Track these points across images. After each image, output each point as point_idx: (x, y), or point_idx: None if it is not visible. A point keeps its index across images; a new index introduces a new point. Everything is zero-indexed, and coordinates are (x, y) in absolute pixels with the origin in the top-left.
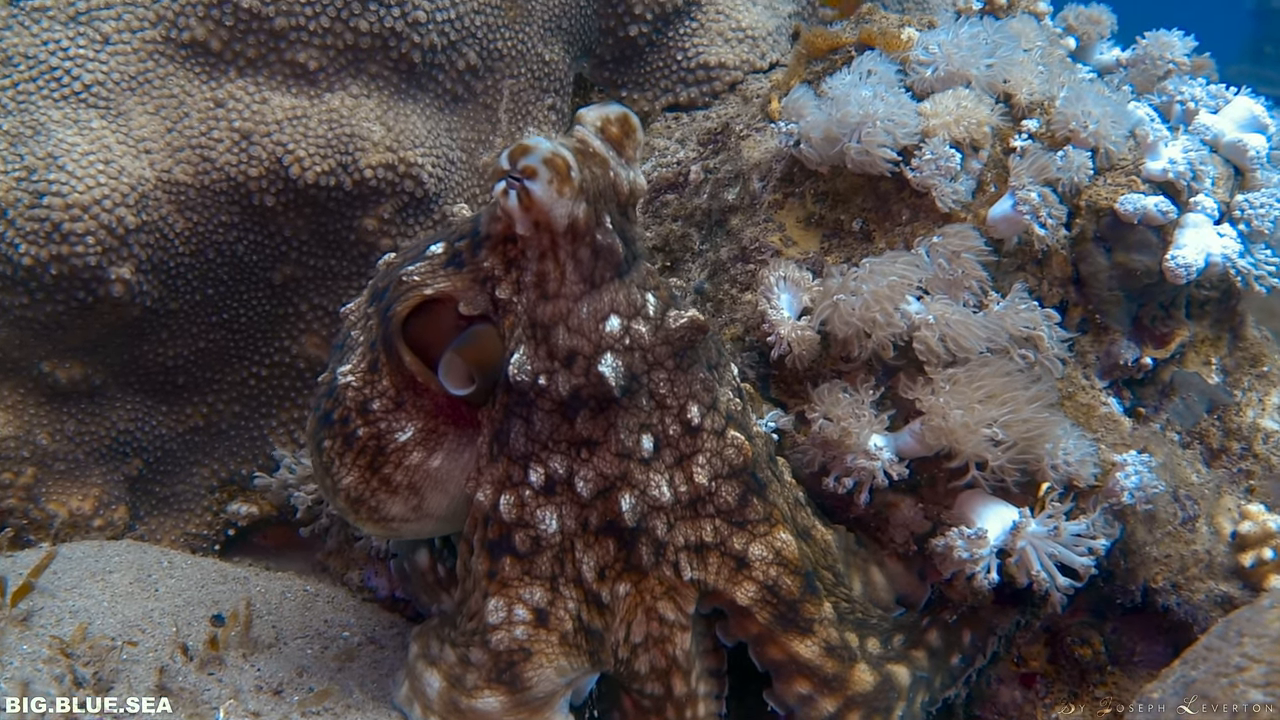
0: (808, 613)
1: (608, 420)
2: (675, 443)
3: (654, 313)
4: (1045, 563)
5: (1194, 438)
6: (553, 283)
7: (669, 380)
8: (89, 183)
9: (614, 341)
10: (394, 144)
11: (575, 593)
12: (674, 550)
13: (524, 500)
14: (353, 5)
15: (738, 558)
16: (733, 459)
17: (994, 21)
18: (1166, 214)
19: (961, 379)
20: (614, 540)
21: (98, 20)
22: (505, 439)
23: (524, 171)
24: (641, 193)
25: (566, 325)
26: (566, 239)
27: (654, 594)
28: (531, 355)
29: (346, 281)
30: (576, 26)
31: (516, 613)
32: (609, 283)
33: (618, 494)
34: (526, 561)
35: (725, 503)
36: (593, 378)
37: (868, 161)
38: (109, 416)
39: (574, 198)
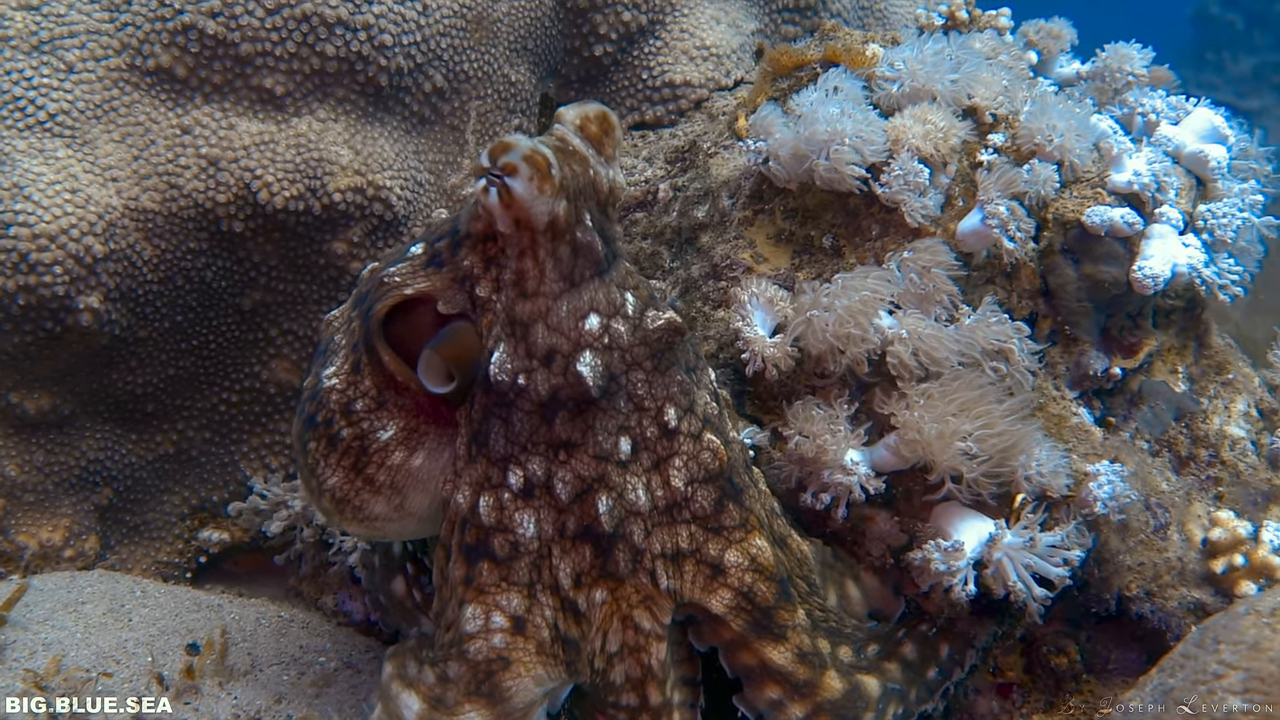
0: (781, 619)
1: (586, 422)
2: (653, 445)
3: (633, 312)
4: (1021, 574)
5: (1163, 446)
6: (532, 281)
7: (647, 381)
8: (55, 212)
9: (593, 340)
10: (362, 167)
11: (552, 600)
12: (650, 558)
13: (503, 503)
14: (319, 30)
15: (713, 565)
16: (708, 463)
17: (958, 37)
18: (1133, 225)
19: (935, 393)
20: (591, 546)
21: (61, 49)
22: (484, 440)
23: (504, 168)
24: (621, 191)
25: (546, 323)
26: (546, 237)
27: (630, 602)
28: (511, 353)
29: (317, 306)
30: (542, 47)
31: (494, 620)
32: (589, 281)
33: (595, 496)
34: (504, 567)
35: (701, 508)
36: (571, 377)
37: (836, 179)
38: (78, 446)
39: (554, 195)
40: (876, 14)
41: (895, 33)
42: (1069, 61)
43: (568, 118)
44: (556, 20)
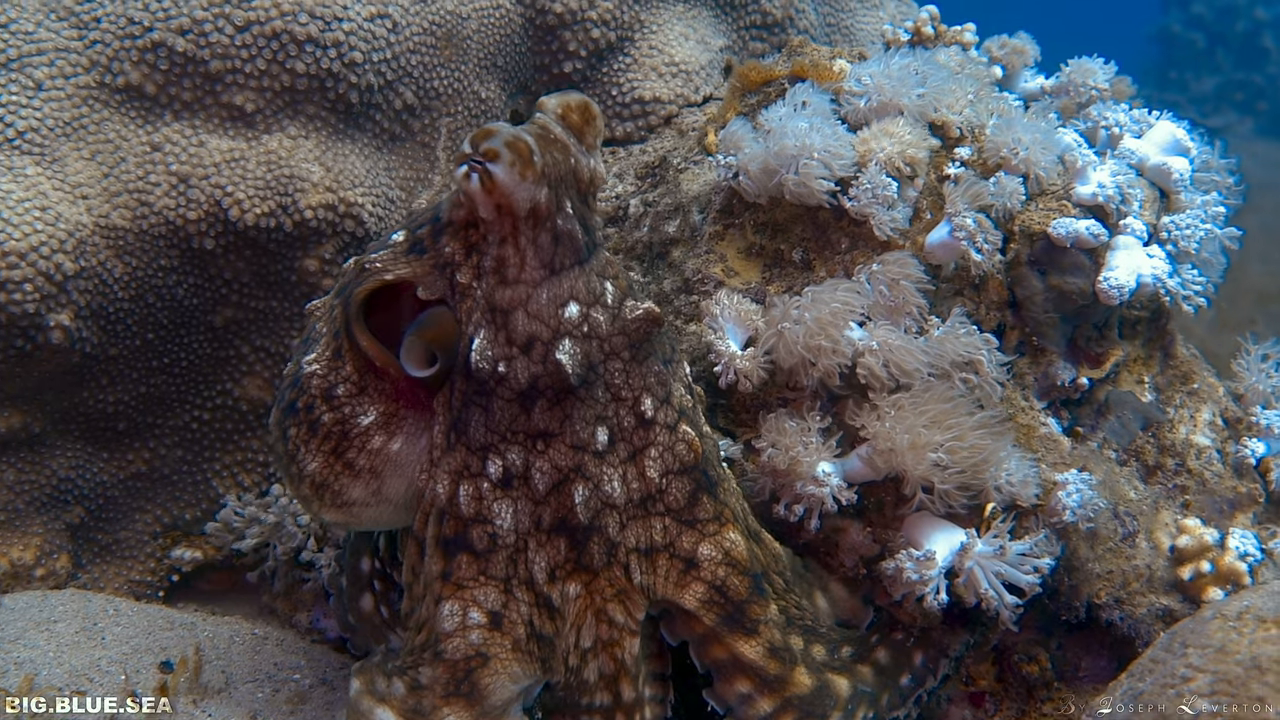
0: (754, 614)
1: (564, 411)
2: (629, 436)
3: (612, 301)
4: (992, 582)
5: (1130, 455)
6: (513, 268)
7: (624, 371)
8: (25, 230)
9: (572, 328)
10: (333, 184)
11: (527, 595)
12: (625, 551)
13: (482, 493)
14: (289, 47)
15: (686, 559)
16: (683, 455)
17: (924, 52)
18: (1098, 237)
19: (906, 404)
20: (566, 540)
21: (30, 67)
22: (464, 428)
23: (486, 154)
24: (602, 180)
25: (526, 310)
26: (528, 224)
27: (604, 595)
28: (491, 340)
29: (289, 323)
30: (512, 64)
31: (471, 616)
32: (569, 269)
33: (571, 487)
34: (482, 560)
35: (675, 500)
36: (550, 365)
37: (806, 193)
38: (49, 465)
39: (536, 182)
40: (843, 30)
41: (862, 48)
42: (1033, 76)
43: (550, 106)
44: (526, 37)
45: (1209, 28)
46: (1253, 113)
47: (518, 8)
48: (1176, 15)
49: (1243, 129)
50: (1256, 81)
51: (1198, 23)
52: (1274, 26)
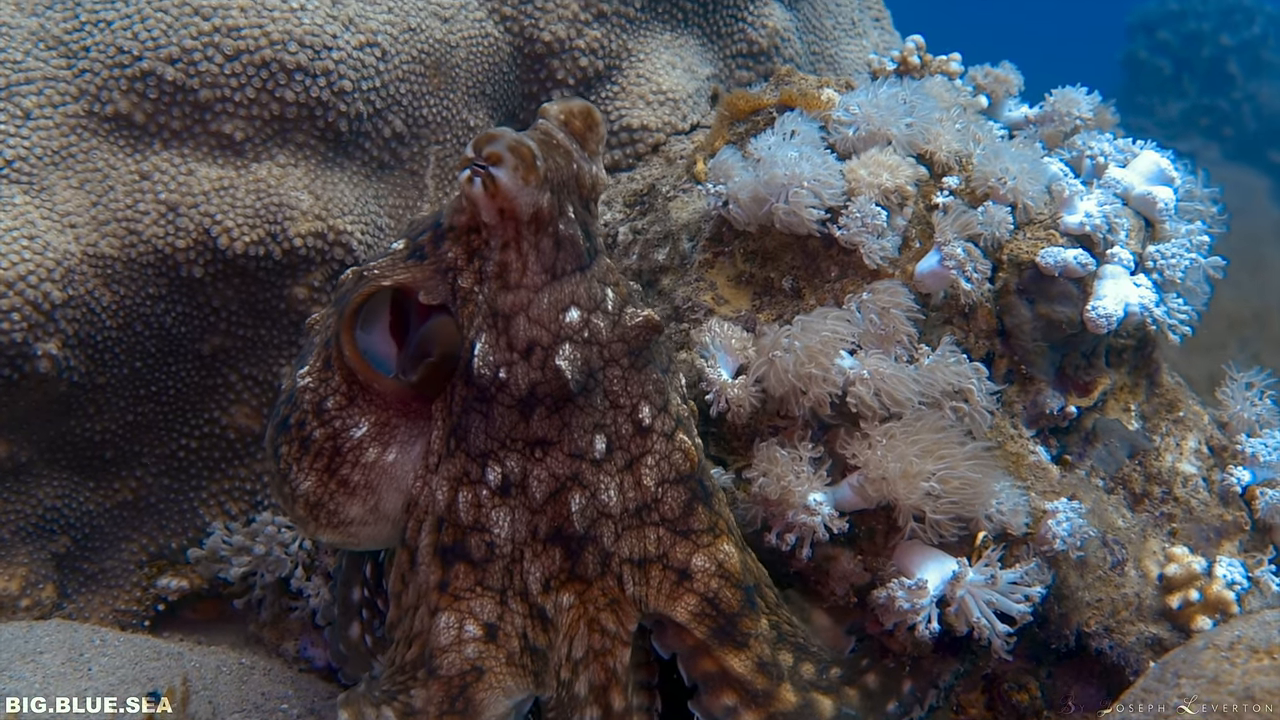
0: (745, 627)
1: (563, 419)
2: (626, 444)
3: (613, 308)
4: (984, 610)
5: (1117, 483)
6: (514, 273)
7: (623, 378)
8: (13, 259)
9: (573, 333)
10: (323, 212)
11: (521, 607)
12: (618, 561)
13: (480, 500)
14: (278, 76)
15: (680, 570)
16: (679, 464)
17: (911, 82)
18: (1086, 266)
19: (898, 434)
20: (561, 549)
21: (18, 96)
22: (464, 434)
23: (489, 158)
24: (604, 186)
25: (527, 315)
26: (530, 228)
27: (597, 605)
28: (492, 345)
29: (277, 351)
30: (500, 92)
31: (467, 629)
32: (570, 275)
33: (568, 495)
34: (480, 570)
35: (670, 509)
36: (549, 372)
37: (796, 221)
38: (35, 494)
39: (538, 186)
40: (827, 59)
41: (849, 77)
42: (1017, 105)
43: (552, 112)
44: (514, 66)
45: (1175, 54)
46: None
47: (506, 36)
48: (1143, 42)
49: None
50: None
51: (1164, 49)
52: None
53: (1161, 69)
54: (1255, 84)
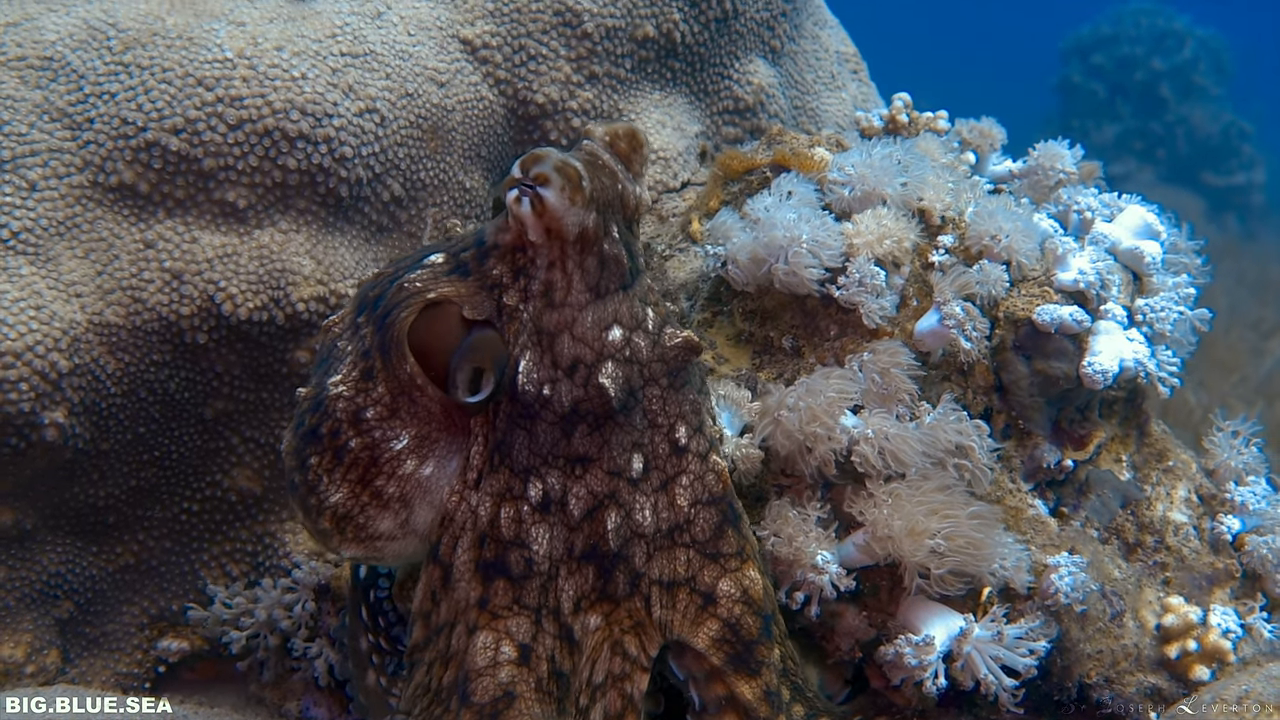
0: (760, 655)
1: (603, 437)
2: (662, 464)
3: (653, 328)
4: (991, 666)
5: (1111, 533)
6: (559, 291)
7: (662, 398)
8: (20, 329)
9: (615, 351)
10: (324, 276)
11: (553, 627)
12: (648, 583)
13: (521, 516)
14: (280, 144)
15: (705, 594)
16: (713, 485)
17: (904, 141)
18: (1081, 323)
19: (903, 493)
20: (594, 568)
21: (23, 168)
22: (509, 450)
23: (537, 179)
24: (647, 207)
25: (571, 333)
26: (575, 248)
27: (622, 626)
28: (537, 363)
29: (279, 414)
30: (495, 154)
31: (503, 650)
32: (613, 294)
33: (604, 513)
34: (517, 587)
35: (701, 531)
36: (592, 389)
37: (795, 282)
38: (39, 560)
39: (584, 206)
40: (809, 112)
41: (840, 135)
42: (1001, 159)
43: (597, 134)
44: (509, 127)
45: (1108, 78)
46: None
47: (500, 99)
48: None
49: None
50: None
51: (1097, 73)
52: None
53: (1096, 93)
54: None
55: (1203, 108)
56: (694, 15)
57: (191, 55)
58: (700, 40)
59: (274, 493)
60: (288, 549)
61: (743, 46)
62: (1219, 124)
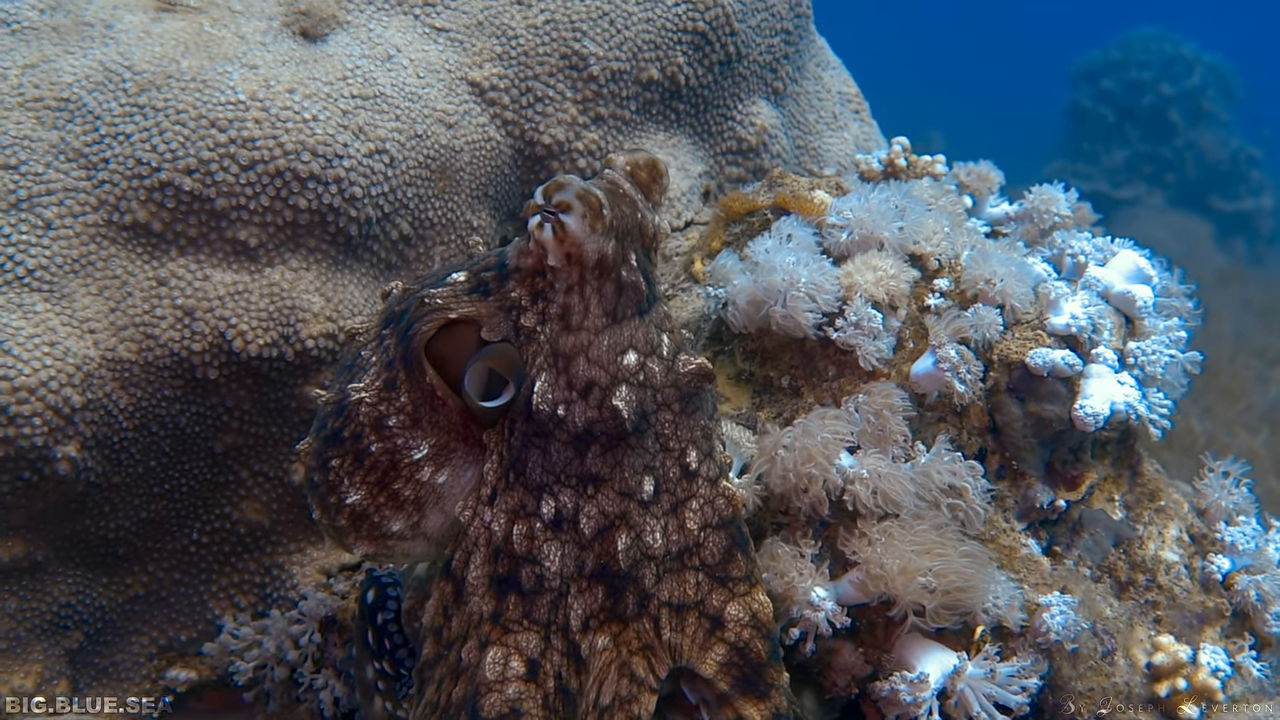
0: (769, 677)
1: (615, 458)
2: (673, 488)
3: (667, 354)
4: (984, 704)
5: (1103, 571)
6: (576, 315)
7: (674, 423)
8: (35, 365)
9: (629, 375)
10: (333, 314)
11: (561, 644)
12: (656, 604)
13: (534, 532)
14: (292, 184)
15: (714, 618)
16: (723, 509)
17: (901, 186)
18: (1073, 367)
19: (896, 532)
20: (604, 587)
21: (39, 207)
22: (523, 468)
23: (559, 205)
24: (665, 235)
25: (587, 356)
26: (594, 273)
27: (630, 647)
28: (552, 384)
29: (287, 448)
30: (501, 193)
31: (511, 665)
32: (630, 319)
33: (615, 534)
34: (528, 603)
35: (711, 554)
36: (606, 411)
37: (792, 325)
38: (50, 591)
39: (604, 234)
40: (810, 151)
41: (840, 178)
42: (997, 202)
43: (618, 163)
44: (515, 167)
45: (1117, 102)
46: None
47: (508, 139)
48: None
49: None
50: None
51: (1107, 98)
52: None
53: (1105, 117)
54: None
55: (1212, 133)
56: (698, 59)
57: (205, 97)
58: (704, 82)
59: (282, 525)
60: (295, 581)
61: (746, 88)
62: (1228, 149)
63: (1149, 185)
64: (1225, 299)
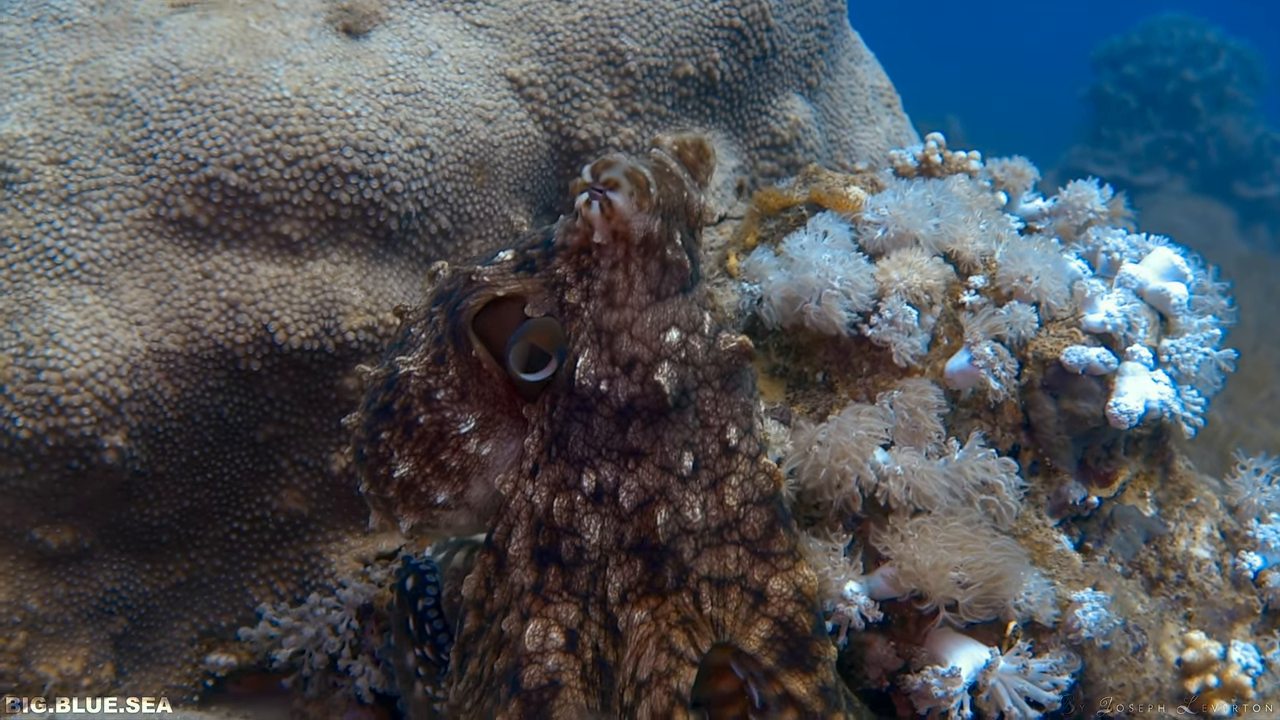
0: (815, 651)
1: (656, 432)
2: (712, 464)
3: (709, 331)
4: (1016, 699)
5: (1134, 568)
6: (621, 292)
7: (714, 400)
8: (84, 356)
9: (672, 352)
10: (373, 306)
11: (599, 615)
12: (696, 578)
13: (574, 505)
14: (334, 179)
15: (756, 592)
16: (763, 485)
17: (936, 183)
18: (1108, 365)
19: (929, 528)
20: (643, 561)
21: (89, 201)
22: (565, 442)
23: (607, 183)
24: (711, 215)
25: (630, 333)
26: (639, 251)
27: (669, 621)
28: (595, 359)
29: (327, 438)
30: (538, 188)
31: (551, 637)
32: (673, 297)
33: (654, 509)
34: (568, 574)
35: (752, 530)
36: (649, 387)
37: (826, 324)
38: (96, 578)
39: (651, 212)
40: (844, 146)
41: (875, 174)
42: (1032, 198)
43: (666, 143)
44: (552, 162)
45: (1139, 88)
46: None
47: (545, 135)
48: (1108, 76)
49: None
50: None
51: (1129, 83)
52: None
53: (1127, 103)
54: (1219, 118)
55: (1235, 119)
56: (734, 54)
57: (251, 93)
58: (739, 78)
59: (321, 514)
60: (333, 569)
61: (780, 83)
62: (1251, 135)
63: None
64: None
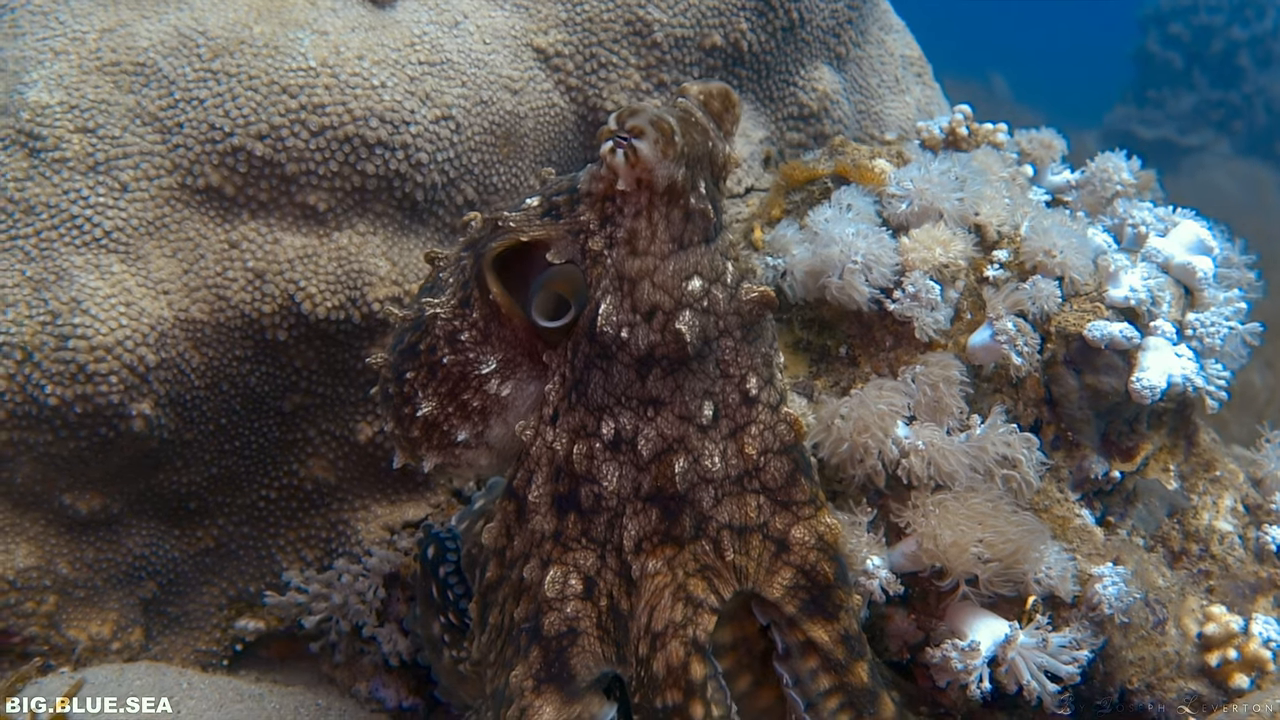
0: (837, 599)
1: (676, 381)
2: (732, 413)
3: (731, 281)
4: (1035, 673)
5: (1157, 541)
6: (644, 240)
7: (735, 349)
8: (112, 325)
9: (694, 301)
10: (399, 277)
11: (614, 563)
12: (716, 527)
13: (593, 452)
14: (360, 150)
15: (779, 541)
16: (784, 435)
17: (962, 156)
18: (1131, 340)
19: (950, 504)
20: (658, 510)
21: (116, 170)
22: (585, 389)
23: (632, 130)
24: (736, 165)
25: (652, 280)
26: (663, 199)
27: (687, 569)
28: (617, 306)
29: (353, 408)
30: (564, 159)
31: (570, 584)
32: (696, 246)
33: (672, 457)
34: (586, 521)
35: (773, 479)
36: (669, 335)
37: (847, 299)
38: (125, 543)
39: (675, 160)
40: (873, 116)
41: (902, 146)
42: (1059, 169)
43: (692, 92)
44: (578, 134)
45: (1186, 47)
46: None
47: (571, 105)
48: (1155, 35)
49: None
50: (1233, 100)
51: (1175, 43)
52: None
53: (1172, 62)
54: (1266, 78)
55: None
56: (761, 24)
57: (277, 63)
58: (766, 48)
59: (347, 483)
60: (359, 536)
61: (808, 53)
62: None
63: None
64: None
